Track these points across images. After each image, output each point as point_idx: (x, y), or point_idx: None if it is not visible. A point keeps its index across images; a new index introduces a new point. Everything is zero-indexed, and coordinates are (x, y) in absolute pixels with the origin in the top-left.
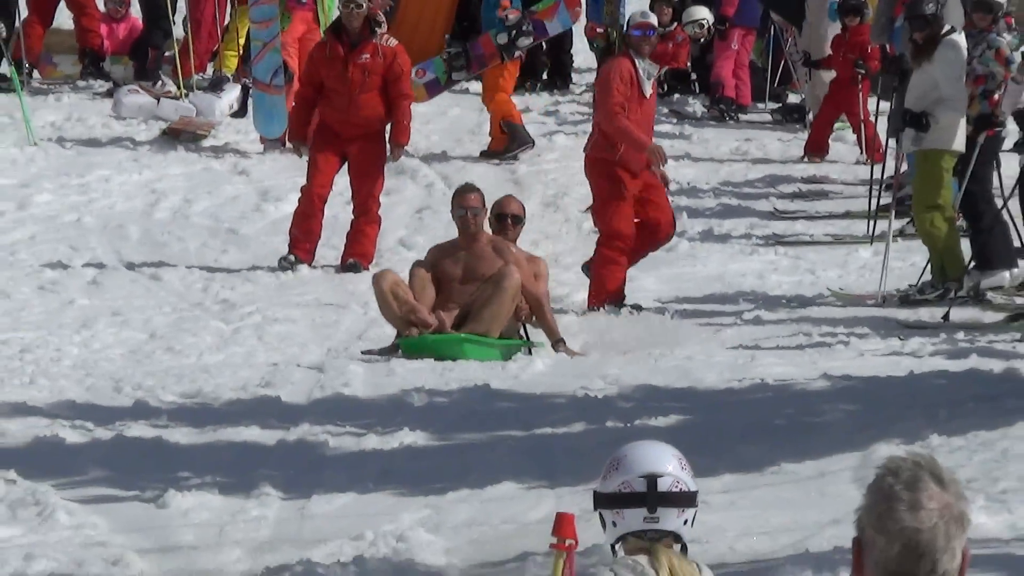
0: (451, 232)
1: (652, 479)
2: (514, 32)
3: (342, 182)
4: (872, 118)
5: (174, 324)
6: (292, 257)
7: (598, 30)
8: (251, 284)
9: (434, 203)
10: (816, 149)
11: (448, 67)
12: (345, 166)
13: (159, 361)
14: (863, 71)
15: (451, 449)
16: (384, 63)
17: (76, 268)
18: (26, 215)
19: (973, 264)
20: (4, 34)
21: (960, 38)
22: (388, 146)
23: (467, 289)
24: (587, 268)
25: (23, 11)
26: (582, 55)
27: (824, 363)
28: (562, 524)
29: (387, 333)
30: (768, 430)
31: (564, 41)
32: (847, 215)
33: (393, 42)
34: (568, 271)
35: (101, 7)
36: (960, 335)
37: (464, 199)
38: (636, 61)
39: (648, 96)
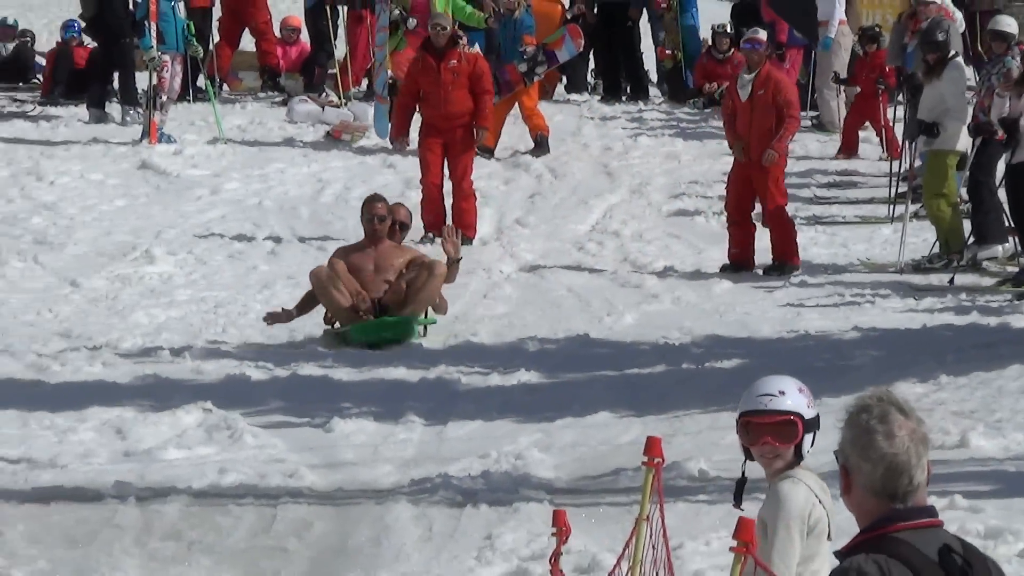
0: (567, 211)
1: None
2: (531, 62)
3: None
4: (891, 124)
5: None
6: (429, 235)
7: (666, 52)
8: None
9: (543, 190)
10: (848, 150)
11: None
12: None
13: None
14: (883, 87)
15: (558, 386)
16: (468, 66)
17: (258, 241)
18: (217, 199)
19: (972, 239)
20: (201, 55)
21: (961, 61)
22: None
23: (379, 279)
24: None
25: (215, 37)
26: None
27: (855, 318)
28: (651, 445)
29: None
30: (810, 371)
31: (640, 64)
32: (872, 201)
33: (475, 49)
34: (650, 244)
35: (277, 33)
36: (963, 296)
37: (372, 207)
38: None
39: (744, 100)
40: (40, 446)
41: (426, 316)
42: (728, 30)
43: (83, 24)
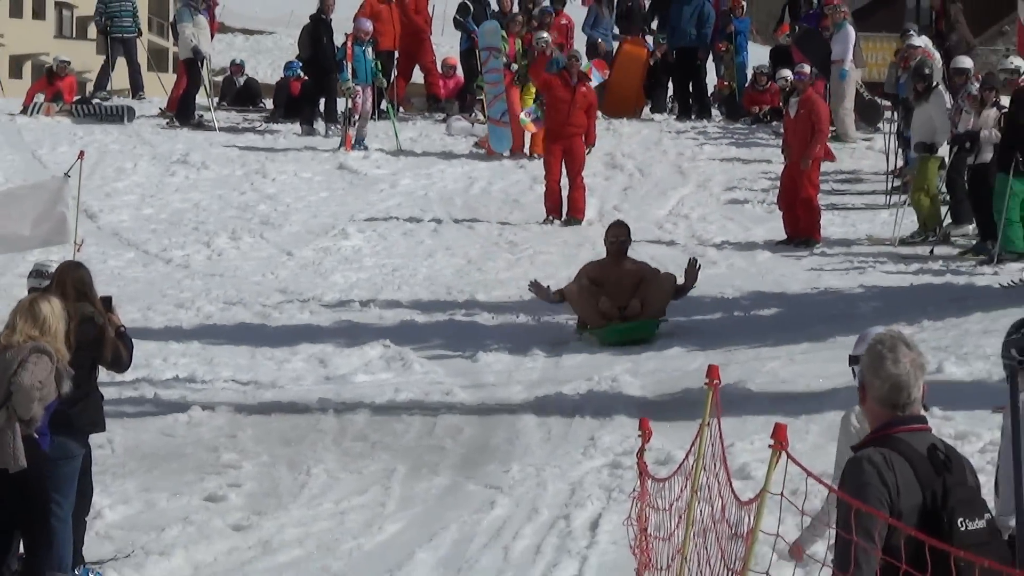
0: (651, 200)
1: None
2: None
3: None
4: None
5: (481, 255)
6: (550, 218)
7: (724, 83)
8: (527, 232)
9: (634, 184)
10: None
11: (542, 109)
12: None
13: (472, 276)
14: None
15: None
16: (588, 96)
17: (424, 222)
18: (395, 191)
19: (949, 221)
20: (385, 85)
21: (943, 89)
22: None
23: (625, 290)
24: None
25: (395, 72)
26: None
27: (861, 279)
28: (711, 371)
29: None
30: (828, 317)
31: (704, 92)
32: (874, 192)
33: (592, 84)
34: (711, 224)
35: (440, 69)
36: (939, 263)
37: (616, 231)
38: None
39: (792, 116)
40: (264, 372)
41: (660, 319)
42: (764, 69)
43: (301, 63)
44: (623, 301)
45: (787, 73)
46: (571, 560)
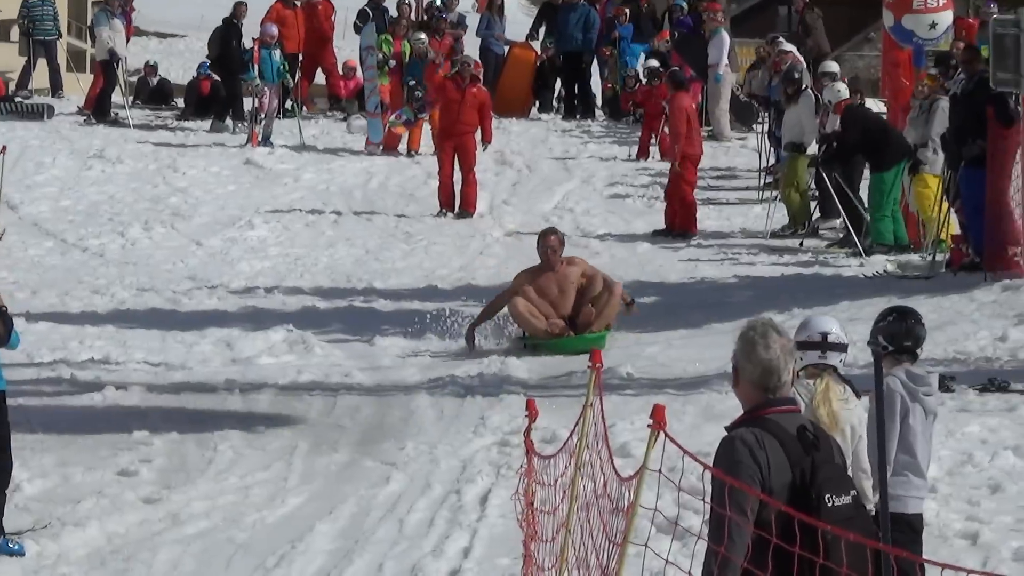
0: (538, 194)
1: (824, 334)
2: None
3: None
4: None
5: (379, 246)
6: (443, 211)
7: (608, 85)
8: (421, 224)
9: (522, 179)
10: (642, 154)
11: (415, 112)
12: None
13: (371, 265)
14: (666, 110)
15: None
16: (479, 96)
17: (325, 214)
18: (298, 185)
19: (818, 215)
20: (291, 85)
21: (811, 92)
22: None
23: (564, 299)
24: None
25: (298, 73)
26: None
27: (735, 269)
28: (594, 355)
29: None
30: (704, 305)
31: (589, 93)
32: (747, 188)
33: (481, 88)
34: (594, 217)
35: (340, 71)
36: (809, 254)
37: (546, 240)
38: None
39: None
40: (174, 354)
41: (607, 328)
42: (634, 72)
43: (209, 62)
44: (568, 309)
45: (653, 63)
46: (462, 532)
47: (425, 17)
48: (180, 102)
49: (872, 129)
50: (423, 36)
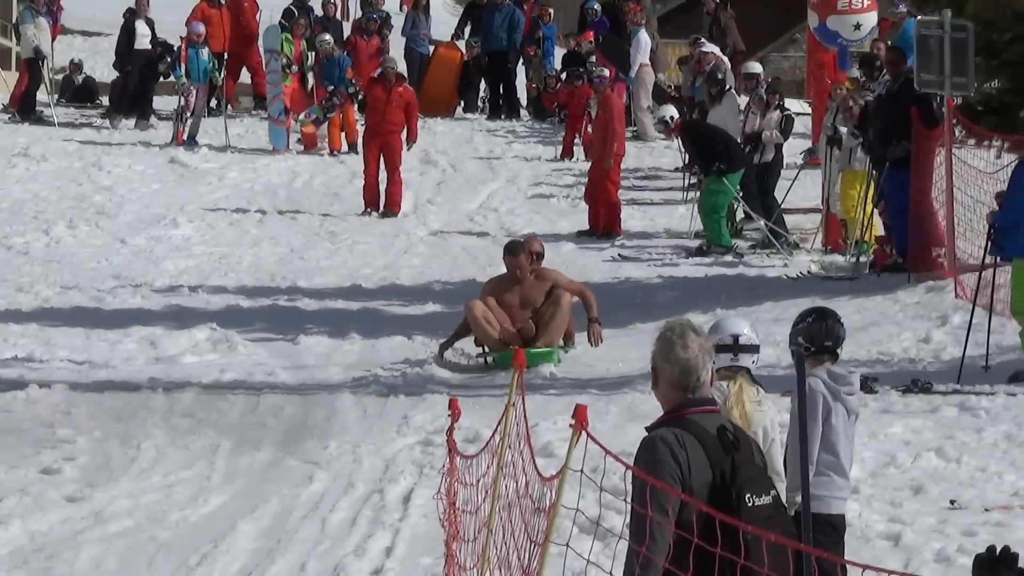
0: (462, 194)
1: (735, 336)
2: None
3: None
4: (589, 133)
5: (303, 244)
6: (368, 210)
7: (532, 85)
8: (346, 223)
9: (447, 179)
10: (566, 154)
11: (323, 111)
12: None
13: (295, 264)
14: (588, 110)
15: (455, 314)
16: (405, 96)
17: (250, 213)
18: (223, 184)
19: (741, 216)
20: (219, 83)
21: (734, 92)
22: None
23: (524, 312)
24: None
25: (223, 72)
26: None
27: (660, 270)
28: (516, 355)
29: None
30: (628, 305)
31: (514, 92)
32: (671, 189)
33: (408, 88)
34: (519, 217)
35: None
36: (731, 256)
37: (514, 261)
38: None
39: (594, 116)
40: (97, 352)
41: (564, 345)
42: (555, 72)
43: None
44: (526, 322)
45: (605, 72)
46: (385, 532)
47: (360, 15)
48: (105, 100)
49: (712, 139)
50: (328, 37)
